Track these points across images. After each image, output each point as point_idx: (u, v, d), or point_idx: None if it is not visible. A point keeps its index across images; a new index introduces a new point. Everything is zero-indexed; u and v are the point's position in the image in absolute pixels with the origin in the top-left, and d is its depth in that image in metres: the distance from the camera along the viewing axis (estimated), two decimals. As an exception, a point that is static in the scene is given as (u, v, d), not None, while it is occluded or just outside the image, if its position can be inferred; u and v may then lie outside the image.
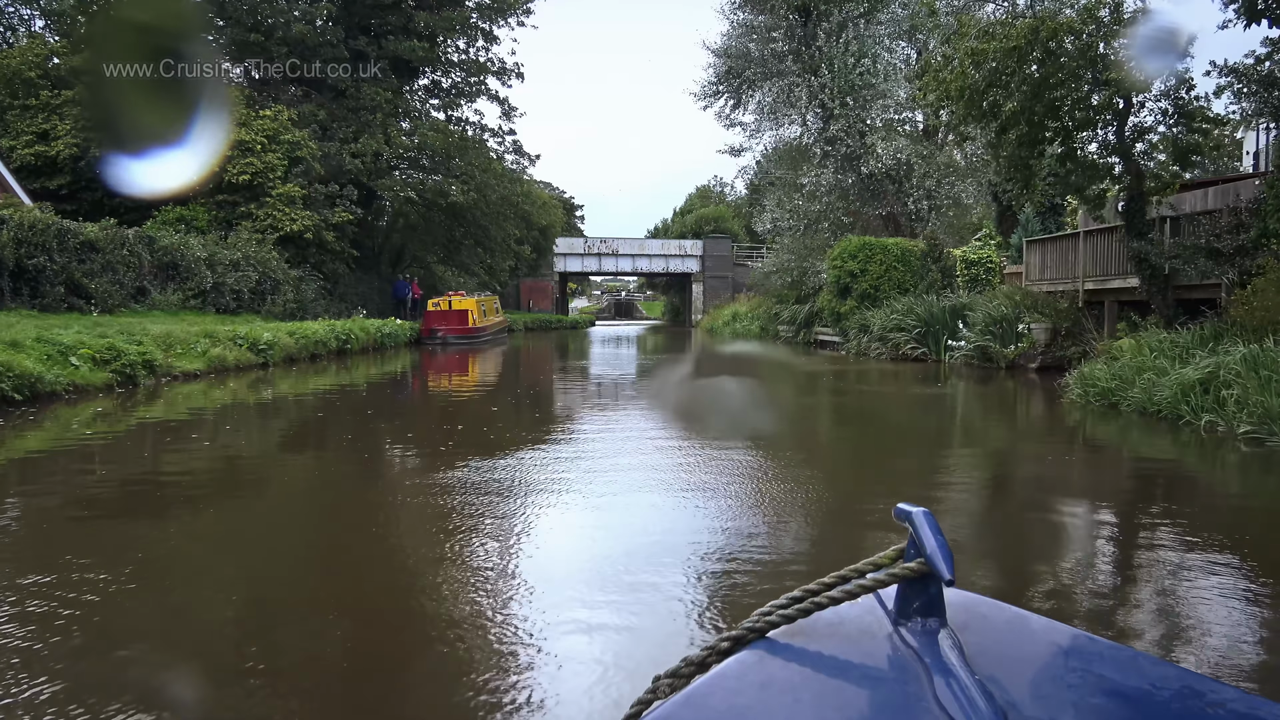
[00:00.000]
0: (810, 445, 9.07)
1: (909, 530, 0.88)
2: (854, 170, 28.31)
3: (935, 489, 6.35)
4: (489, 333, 31.57)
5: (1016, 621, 0.90)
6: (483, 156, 32.64)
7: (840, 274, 24.62)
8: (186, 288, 21.00)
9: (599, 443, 8.66)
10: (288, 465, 7.71)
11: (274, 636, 3.58)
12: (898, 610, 0.87)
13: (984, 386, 15.14)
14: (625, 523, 5.37)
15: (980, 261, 20.66)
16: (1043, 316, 16.16)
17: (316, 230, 25.68)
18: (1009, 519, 5.92)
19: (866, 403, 13.18)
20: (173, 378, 12.99)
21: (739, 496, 6.15)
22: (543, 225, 45.21)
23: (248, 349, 15.54)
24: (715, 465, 7.33)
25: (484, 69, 33.70)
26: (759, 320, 38.15)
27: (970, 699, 0.71)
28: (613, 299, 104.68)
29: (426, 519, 5.46)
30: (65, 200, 25.06)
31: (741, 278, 57.08)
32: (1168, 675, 0.84)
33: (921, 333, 19.29)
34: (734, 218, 67.91)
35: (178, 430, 9.30)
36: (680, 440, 9.05)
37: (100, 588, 3.99)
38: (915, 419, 11.26)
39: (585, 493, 6.19)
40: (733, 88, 31.56)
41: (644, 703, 0.80)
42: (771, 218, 30.18)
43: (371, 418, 10.96)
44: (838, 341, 26.71)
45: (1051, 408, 11.42)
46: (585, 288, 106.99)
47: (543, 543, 4.99)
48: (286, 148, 25.80)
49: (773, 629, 0.85)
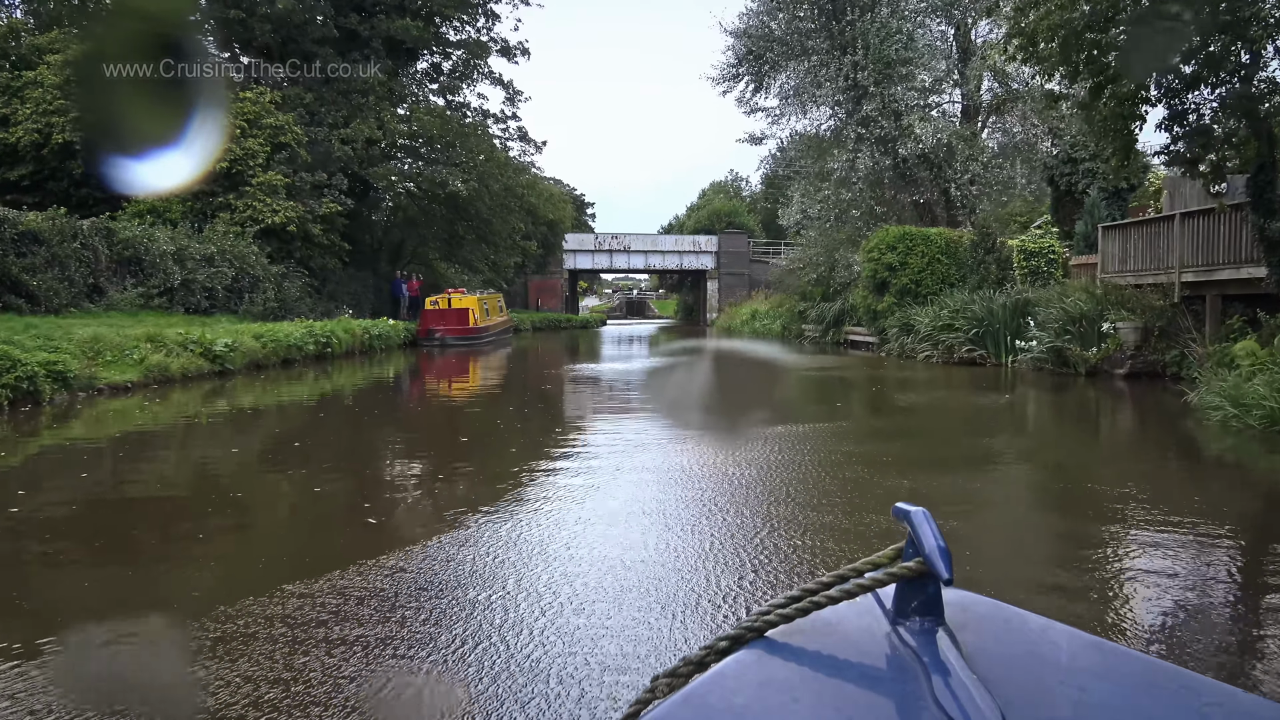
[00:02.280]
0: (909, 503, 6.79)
1: (907, 530, 0.86)
2: (889, 154, 25.93)
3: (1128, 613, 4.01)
4: (492, 333, 29.31)
5: (1015, 621, 0.89)
6: (485, 143, 30.35)
7: (877, 267, 22.27)
8: (150, 285, 18.82)
9: (614, 495, 6.38)
10: (136, 548, 5.43)
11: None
12: (896, 610, 0.86)
13: (1073, 398, 12.77)
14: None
15: (1041, 252, 18.26)
16: (1131, 314, 13.78)
17: (301, 222, 23.45)
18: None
19: (952, 424, 10.80)
20: (95, 391, 10.78)
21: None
22: (550, 220, 42.88)
23: (200, 355, 13.31)
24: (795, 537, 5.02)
25: (486, 49, 31.42)
26: (781, 319, 35.78)
27: (968, 698, 0.70)
28: (624, 297, 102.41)
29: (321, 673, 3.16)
30: (27, 192, 22.92)
31: (758, 274, 54.81)
32: (1167, 675, 0.82)
33: (978, 333, 16.91)
34: (749, 213, 65.61)
35: (28, 472, 7.04)
36: (729, 499, 6.76)
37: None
38: (1022, 449, 8.90)
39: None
40: (753, 70, 29.19)
41: (642, 702, 0.78)
42: (800, 208, 27.76)
43: (314, 447, 8.69)
44: (872, 342, 24.36)
45: (1191, 433, 9.00)
46: (596, 286, 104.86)
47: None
48: (269, 132, 23.60)
49: (771, 628, 0.84)
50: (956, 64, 26.94)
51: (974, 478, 6.85)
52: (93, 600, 4.08)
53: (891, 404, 12.54)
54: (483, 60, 31.57)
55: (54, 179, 22.94)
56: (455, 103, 32.26)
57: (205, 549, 4.94)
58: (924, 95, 26.72)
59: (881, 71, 25.75)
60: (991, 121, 28.18)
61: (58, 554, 4.92)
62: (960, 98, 28.04)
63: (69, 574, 4.52)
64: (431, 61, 32.24)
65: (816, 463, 7.22)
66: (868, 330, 24.52)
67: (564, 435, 9.57)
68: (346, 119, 26.52)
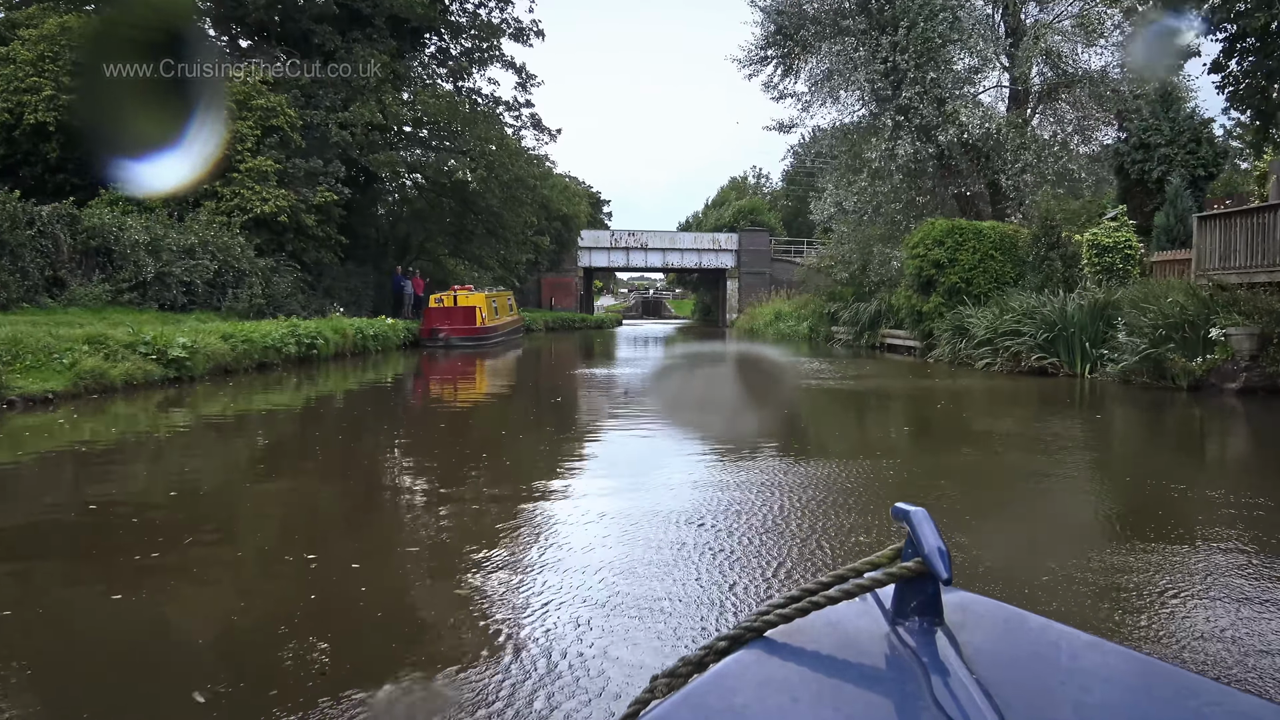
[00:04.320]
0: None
1: (906, 530, 0.85)
2: (930, 142, 23.81)
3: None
4: (500, 333, 27.37)
5: (1014, 621, 0.88)
6: (495, 129, 28.38)
7: (922, 264, 20.19)
8: (119, 278, 16.97)
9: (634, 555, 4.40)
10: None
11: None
12: (895, 610, 0.85)
13: (1194, 420, 10.71)
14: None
15: (1117, 247, 16.13)
16: (1246, 319, 11.68)
17: (293, 212, 21.56)
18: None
19: (1063, 461, 8.69)
20: (6, 404, 8.88)
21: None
22: (565, 214, 40.88)
23: (151, 359, 11.40)
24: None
25: (497, 30, 29.43)
26: (808, 320, 33.74)
27: (968, 698, 0.70)
28: (640, 297, 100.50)
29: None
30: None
31: (780, 274, 52.78)
32: (1166, 675, 0.82)
33: (1049, 338, 14.82)
34: (770, 210, 63.52)
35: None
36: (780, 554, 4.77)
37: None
38: (1196, 512, 6.82)
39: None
40: (783, 52, 27.10)
41: (641, 702, 0.77)
42: (833, 199, 25.66)
43: (233, 500, 6.74)
44: (913, 346, 22.29)
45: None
46: (612, 285, 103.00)
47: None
48: (259, 114, 21.73)
49: (770, 629, 0.83)
50: (1005, 46, 24.79)
51: (1166, 578, 4.80)
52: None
53: (965, 429, 10.41)
54: (494, 41, 29.58)
55: (26, 164, 21.15)
56: (465, 89, 30.32)
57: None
58: (968, 80, 24.59)
59: (924, 53, 23.66)
60: (1041, 108, 25.99)
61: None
62: (1008, 82, 25.84)
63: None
64: (439, 45, 30.32)
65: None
66: (909, 333, 22.44)
67: (577, 480, 7.59)
68: (345, 102, 24.62)
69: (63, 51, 20.55)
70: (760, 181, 77.71)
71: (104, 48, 2.26)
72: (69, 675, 3.15)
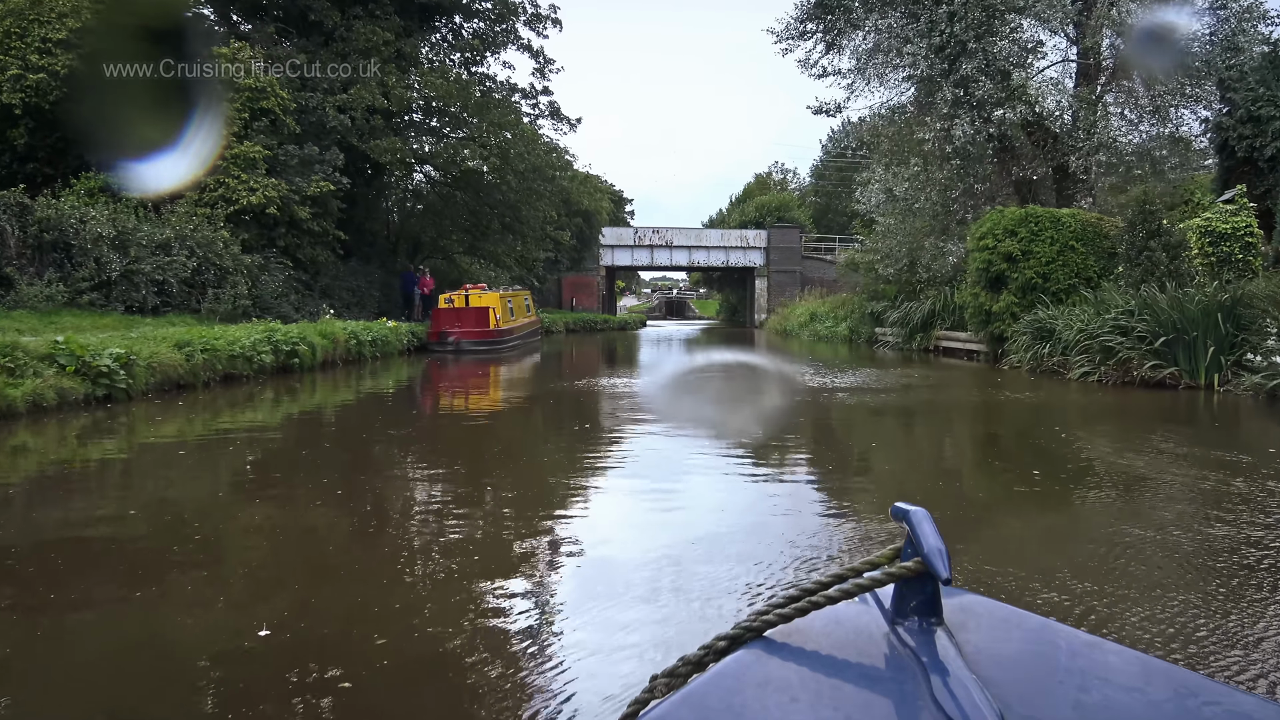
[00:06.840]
0: None
1: (906, 530, 0.83)
2: (991, 122, 21.34)
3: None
4: (516, 336, 25.15)
5: (1013, 620, 0.87)
6: (509, 115, 26.15)
7: (991, 257, 17.78)
8: (78, 277, 14.91)
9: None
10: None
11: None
12: (895, 609, 0.84)
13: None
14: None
15: (1235, 234, 13.63)
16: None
17: (285, 203, 19.45)
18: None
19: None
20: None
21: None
22: (586, 209, 38.65)
23: (74, 374, 9.26)
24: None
25: (513, 13, 27.21)
26: (848, 321, 31.30)
27: (967, 697, 0.69)
28: (663, 297, 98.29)
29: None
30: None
31: (811, 272, 50.38)
32: (1165, 674, 0.80)
33: (1167, 342, 12.35)
34: (799, 207, 61.05)
35: None
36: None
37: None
38: None
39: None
40: (825, 26, 24.70)
41: (641, 702, 0.77)
42: (882, 186, 23.24)
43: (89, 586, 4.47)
44: (977, 350, 19.85)
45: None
46: (635, 286, 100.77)
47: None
48: (247, 95, 19.65)
49: (770, 628, 0.82)
50: (1074, 13, 22.27)
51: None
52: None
53: (1127, 477, 7.88)
54: (510, 23, 27.36)
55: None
56: (479, 74, 28.13)
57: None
58: (1034, 51, 22.09)
59: (984, 22, 21.21)
60: (1114, 84, 23.42)
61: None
62: (1075, 55, 23.29)
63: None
64: (451, 26, 28.15)
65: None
66: (972, 335, 19.99)
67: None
68: (345, 84, 22.48)
69: (30, 27, 18.59)
70: (787, 177, 75.23)
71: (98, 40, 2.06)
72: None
